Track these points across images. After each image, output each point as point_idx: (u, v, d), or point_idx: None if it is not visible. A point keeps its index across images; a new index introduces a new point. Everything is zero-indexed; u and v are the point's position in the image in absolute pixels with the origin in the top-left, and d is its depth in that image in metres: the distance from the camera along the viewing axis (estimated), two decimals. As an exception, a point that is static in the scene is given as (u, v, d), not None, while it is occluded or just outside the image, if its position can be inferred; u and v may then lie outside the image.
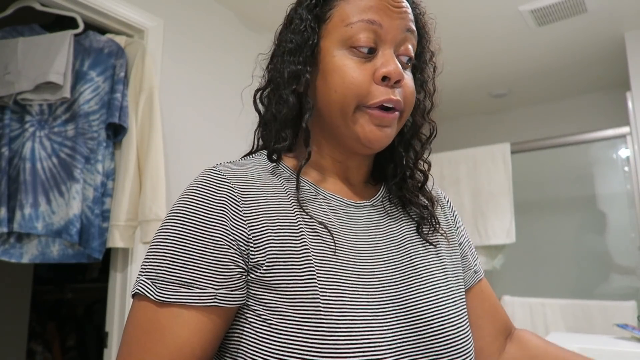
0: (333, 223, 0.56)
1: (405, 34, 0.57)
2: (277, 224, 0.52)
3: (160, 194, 1.52)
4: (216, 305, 0.49)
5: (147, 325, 0.50)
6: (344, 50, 0.56)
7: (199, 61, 1.94)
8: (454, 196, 2.82)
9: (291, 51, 0.58)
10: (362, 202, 0.61)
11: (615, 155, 2.82)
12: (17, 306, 2.49)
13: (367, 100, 0.55)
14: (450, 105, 3.46)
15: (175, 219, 0.52)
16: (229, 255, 0.50)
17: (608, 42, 2.48)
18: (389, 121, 0.56)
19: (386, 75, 0.54)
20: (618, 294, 2.56)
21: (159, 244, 0.52)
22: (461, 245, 0.69)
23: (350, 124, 0.56)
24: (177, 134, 1.80)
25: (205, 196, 0.52)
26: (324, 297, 0.49)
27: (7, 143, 1.41)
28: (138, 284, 0.51)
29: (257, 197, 0.53)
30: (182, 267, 0.49)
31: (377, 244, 0.57)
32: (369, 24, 0.55)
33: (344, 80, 0.55)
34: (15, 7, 1.52)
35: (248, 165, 0.58)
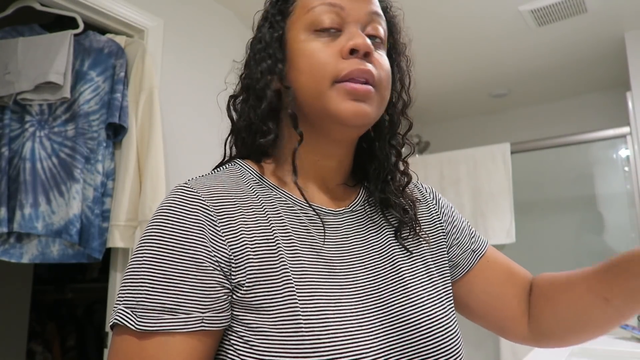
0: (311, 234, 0.55)
1: (371, 15, 0.57)
2: (255, 242, 0.51)
3: (160, 194, 1.52)
4: (203, 329, 0.47)
5: (132, 356, 0.47)
6: (309, 35, 0.55)
7: (199, 61, 1.94)
8: (454, 196, 2.82)
9: (261, 50, 0.59)
10: (340, 210, 0.60)
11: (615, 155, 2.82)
12: (17, 306, 2.49)
13: (336, 73, 0.53)
14: (450, 105, 3.46)
15: (151, 242, 0.49)
16: (213, 276, 0.48)
17: (608, 42, 2.48)
18: (363, 94, 0.53)
19: (353, 47, 0.53)
20: (618, 294, 2.56)
21: (136, 270, 0.49)
22: (449, 233, 0.68)
23: (326, 104, 0.53)
24: (177, 134, 1.80)
25: (181, 217, 0.49)
26: (305, 314, 0.48)
27: (7, 143, 1.41)
28: (117, 314, 0.48)
29: (233, 215, 0.51)
30: (163, 293, 0.47)
31: (358, 252, 0.57)
32: (329, 6, 0.55)
33: (312, 61, 0.54)
34: (15, 7, 1.52)
35: (221, 178, 0.56)
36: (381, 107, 0.57)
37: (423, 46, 2.51)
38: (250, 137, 0.60)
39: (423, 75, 2.91)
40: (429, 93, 3.21)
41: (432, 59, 2.68)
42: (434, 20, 2.23)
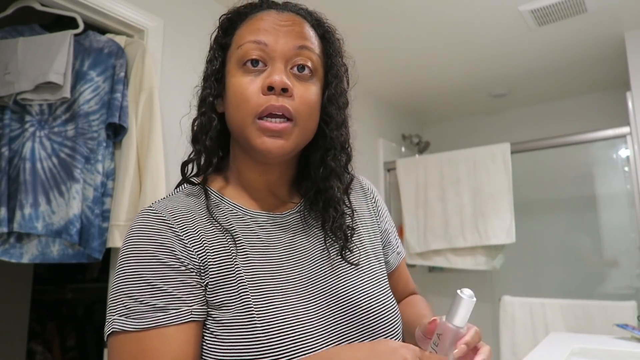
0: (260, 238, 0.63)
1: (296, 50, 0.62)
2: (214, 250, 0.59)
3: (160, 194, 1.52)
4: (193, 320, 0.55)
5: (134, 354, 0.53)
6: (238, 70, 0.62)
7: (199, 61, 1.93)
8: (454, 196, 2.82)
9: (204, 79, 0.68)
10: (285, 212, 0.68)
11: (615, 155, 2.82)
12: (17, 306, 2.49)
13: (256, 109, 0.59)
14: (450, 106, 3.46)
15: (129, 260, 0.57)
16: (191, 276, 0.57)
17: (608, 42, 2.48)
18: (278, 131, 0.59)
19: (269, 85, 0.59)
20: (618, 294, 2.56)
21: (121, 284, 0.56)
22: (384, 232, 0.78)
23: (248, 137, 0.60)
24: (177, 134, 1.80)
25: (151, 235, 0.57)
26: (257, 307, 0.56)
27: (7, 143, 1.41)
28: (112, 325, 0.55)
29: (194, 229, 0.60)
30: (152, 296, 0.54)
31: (302, 248, 0.65)
32: (255, 44, 0.61)
33: (237, 97, 0.60)
34: (15, 7, 1.52)
35: (180, 199, 0.64)
36: (303, 135, 0.63)
37: (423, 46, 2.51)
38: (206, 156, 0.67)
39: (423, 76, 2.91)
40: (429, 93, 3.21)
41: (432, 59, 2.68)
42: (434, 21, 2.23)
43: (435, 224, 2.86)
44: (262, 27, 0.62)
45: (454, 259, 2.83)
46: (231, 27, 0.67)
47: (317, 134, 0.67)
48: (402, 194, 3.03)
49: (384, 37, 2.39)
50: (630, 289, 2.64)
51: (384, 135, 3.21)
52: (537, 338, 2.40)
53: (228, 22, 0.67)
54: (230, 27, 0.67)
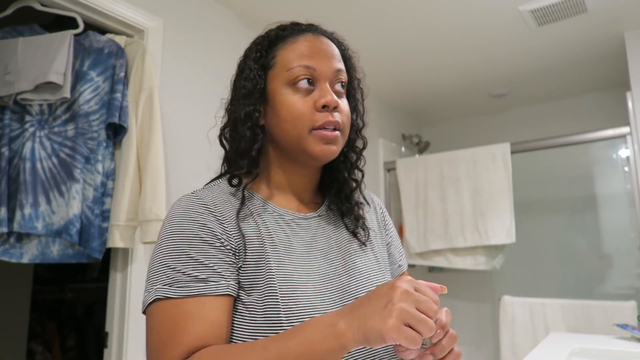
0: (287, 234, 0.71)
1: (335, 73, 0.72)
2: (248, 237, 0.67)
3: (160, 194, 1.52)
4: (229, 294, 0.62)
5: (174, 317, 0.58)
6: (288, 89, 0.70)
7: (199, 61, 1.94)
8: (454, 196, 2.82)
9: (244, 95, 0.73)
10: (310, 215, 0.76)
11: (615, 155, 2.82)
12: (17, 306, 2.49)
13: (312, 124, 0.69)
14: (451, 106, 3.46)
15: (173, 236, 0.63)
16: (229, 256, 0.64)
17: (608, 42, 2.48)
18: (332, 139, 0.70)
19: (325, 104, 0.69)
20: (618, 294, 2.56)
21: (164, 258, 0.62)
22: (389, 245, 0.85)
23: (305, 147, 0.69)
24: (177, 134, 1.80)
25: (194, 216, 0.65)
26: (283, 296, 0.63)
27: (7, 143, 1.41)
28: (155, 293, 0.60)
29: (232, 217, 0.67)
30: (195, 269, 0.61)
31: (322, 248, 0.73)
32: (305, 68, 0.70)
33: (292, 112, 0.69)
34: (15, 7, 1.52)
35: (216, 191, 0.71)
36: (344, 141, 0.74)
37: (423, 46, 2.51)
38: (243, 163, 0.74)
39: (423, 76, 2.91)
40: (429, 93, 3.21)
41: (432, 59, 2.68)
42: (434, 21, 2.23)
43: (435, 224, 2.86)
44: (307, 52, 0.71)
45: (454, 259, 2.83)
46: (270, 48, 0.74)
47: None
48: (402, 194, 3.03)
49: (384, 37, 2.39)
50: (630, 289, 2.64)
51: (384, 135, 3.21)
52: (537, 338, 2.40)
53: (268, 43, 0.74)
54: (270, 48, 0.74)
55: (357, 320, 0.52)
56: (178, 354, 0.57)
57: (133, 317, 1.57)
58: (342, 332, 0.52)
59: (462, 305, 3.36)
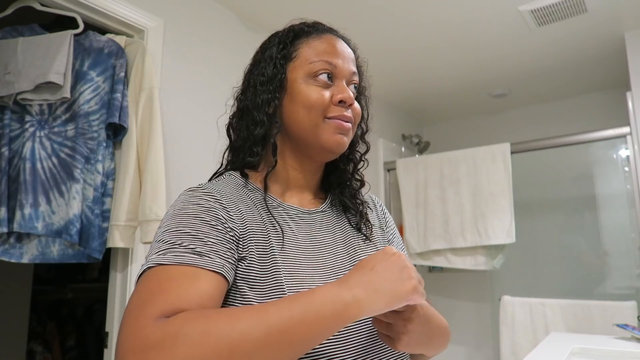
0: (292, 228, 0.71)
1: (352, 74, 0.76)
2: (254, 230, 0.66)
3: (160, 194, 1.52)
4: (222, 274, 0.58)
5: (160, 280, 0.54)
6: (308, 80, 0.72)
7: (199, 61, 1.94)
8: (454, 196, 2.82)
9: (263, 82, 0.74)
10: (314, 209, 0.77)
11: (615, 155, 2.82)
12: (17, 306, 2.49)
13: (327, 114, 0.71)
14: (451, 106, 3.46)
15: (176, 217, 0.61)
16: (231, 241, 0.62)
17: (608, 42, 2.48)
18: (346, 130, 0.73)
19: (342, 99, 0.71)
20: (618, 294, 2.56)
21: (163, 236, 0.59)
22: (390, 242, 0.86)
23: (319, 134, 0.71)
24: (177, 134, 1.80)
25: (200, 203, 0.63)
26: (288, 286, 0.62)
27: (7, 143, 1.41)
28: (149, 262, 0.56)
29: (238, 207, 0.67)
30: (193, 243, 0.58)
31: (326, 242, 0.74)
32: (327, 63, 0.72)
33: (310, 99, 0.71)
34: (15, 7, 1.52)
35: (221, 185, 0.71)
36: (352, 137, 0.77)
37: (423, 46, 2.51)
38: (243, 154, 0.75)
39: (423, 76, 2.91)
40: (429, 93, 3.21)
41: (432, 60, 2.68)
42: (434, 21, 2.23)
43: (435, 224, 2.86)
44: (330, 50, 0.74)
45: (454, 259, 2.83)
46: (294, 40, 0.76)
47: None
48: (402, 194, 3.03)
49: (384, 37, 2.39)
50: (630, 289, 2.64)
51: (384, 135, 3.21)
52: (537, 338, 2.40)
53: (293, 36, 0.76)
54: (294, 41, 0.76)
55: (373, 290, 0.55)
56: (158, 311, 0.49)
57: (133, 317, 1.57)
58: (357, 300, 0.53)
59: (462, 305, 3.36)
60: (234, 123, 0.78)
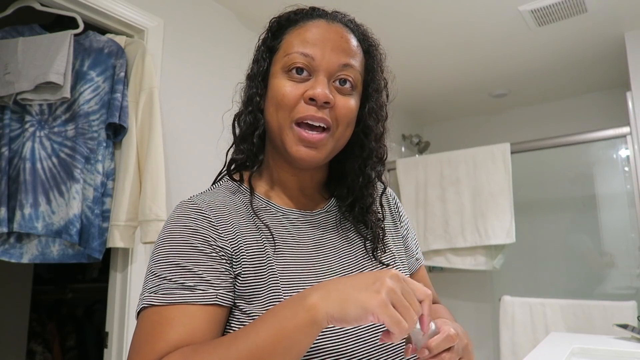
0: (292, 234, 0.66)
1: (340, 67, 0.65)
2: (247, 243, 0.62)
3: (160, 194, 1.52)
4: (217, 303, 0.57)
5: (153, 323, 0.55)
6: (283, 74, 0.65)
7: (199, 61, 1.94)
8: (454, 196, 2.82)
9: (249, 77, 0.70)
10: (317, 211, 0.72)
11: (615, 155, 2.82)
12: (17, 306, 2.49)
13: (294, 115, 0.63)
14: (451, 106, 3.46)
15: (166, 245, 0.60)
16: (222, 264, 0.59)
17: (608, 42, 2.48)
18: (315, 142, 0.63)
19: (312, 96, 0.62)
20: (618, 294, 2.56)
21: (154, 268, 0.59)
22: (404, 237, 0.81)
23: (284, 141, 0.64)
24: (177, 134, 1.80)
25: (188, 225, 0.61)
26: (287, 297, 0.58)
27: (7, 143, 1.41)
28: (142, 303, 0.58)
29: (229, 222, 0.63)
30: (183, 276, 0.57)
31: (328, 246, 0.68)
32: (302, 55, 0.64)
33: (278, 96, 0.64)
34: (15, 7, 1.52)
35: (217, 194, 0.67)
36: (336, 145, 0.67)
37: (424, 47, 2.51)
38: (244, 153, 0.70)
39: (423, 76, 2.91)
40: (429, 93, 3.21)
41: (432, 60, 2.68)
42: (433, 21, 2.23)
43: (435, 224, 2.86)
44: (310, 39, 0.65)
45: (454, 259, 2.83)
46: (280, 31, 0.69)
47: (355, 144, 0.71)
48: (402, 194, 3.03)
49: (384, 37, 2.37)
50: (630, 289, 2.64)
51: (384, 135, 3.20)
52: (537, 338, 2.40)
53: (277, 26, 0.70)
54: (279, 31, 0.70)
55: (334, 293, 0.49)
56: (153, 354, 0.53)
57: (133, 317, 1.57)
58: (313, 304, 0.48)
59: (462, 305, 3.36)
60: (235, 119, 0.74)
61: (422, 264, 0.84)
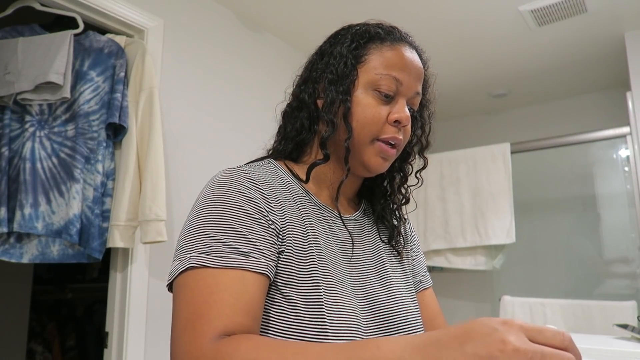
0: (326, 231, 0.68)
1: (415, 94, 0.72)
2: (292, 224, 0.63)
3: (160, 194, 1.52)
4: (267, 274, 0.56)
5: (211, 288, 0.52)
6: (369, 91, 0.68)
7: (199, 61, 1.94)
8: (454, 196, 2.82)
9: (332, 81, 0.69)
10: (348, 216, 0.75)
11: (615, 155, 2.82)
12: (17, 306, 2.49)
13: (379, 134, 0.68)
14: (450, 105, 3.46)
15: (216, 205, 0.58)
16: (272, 236, 0.59)
17: (608, 42, 2.48)
18: (391, 155, 0.70)
19: (398, 120, 0.68)
20: (618, 294, 2.56)
21: (203, 226, 0.57)
22: (413, 259, 0.84)
23: (362, 153, 0.68)
24: (177, 134, 1.80)
25: (241, 190, 0.60)
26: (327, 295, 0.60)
27: (7, 143, 1.41)
28: (190, 261, 0.54)
29: (279, 199, 0.63)
30: (236, 241, 0.56)
31: (358, 252, 0.71)
32: (394, 79, 0.68)
33: (366, 114, 0.67)
34: (15, 7, 1.52)
35: (262, 170, 0.67)
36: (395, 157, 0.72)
37: (423, 47, 2.50)
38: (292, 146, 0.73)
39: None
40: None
41: (432, 59, 2.67)
42: (434, 21, 2.23)
43: (435, 224, 2.86)
44: (400, 64, 0.69)
45: (454, 259, 2.83)
46: (367, 43, 0.71)
47: None
48: (402, 194, 3.03)
49: (384, 37, 2.39)
50: (630, 289, 2.64)
51: (384, 135, 3.20)
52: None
53: (368, 37, 0.71)
54: (367, 42, 0.71)
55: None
56: (215, 328, 0.50)
57: (133, 317, 1.57)
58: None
59: (462, 305, 3.36)
60: (289, 112, 0.75)
61: (426, 287, 0.84)
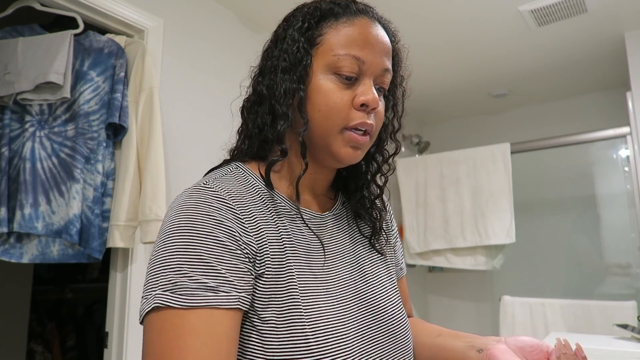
0: (304, 234, 0.64)
1: (383, 71, 0.64)
2: (270, 242, 0.58)
3: (160, 194, 1.52)
4: (239, 307, 0.52)
5: (176, 331, 0.49)
6: (328, 75, 0.61)
7: (199, 61, 1.94)
8: (454, 196, 2.82)
9: (285, 69, 0.62)
10: (325, 214, 0.70)
11: (615, 155, 2.82)
12: (17, 306, 2.49)
13: (347, 122, 0.61)
14: (451, 105, 3.46)
15: (182, 234, 0.53)
16: (245, 264, 0.54)
17: (608, 42, 2.48)
18: (362, 143, 0.63)
19: (365, 103, 0.61)
20: (618, 294, 2.56)
21: (169, 258, 0.52)
22: (394, 246, 0.81)
23: (331, 145, 0.62)
24: (177, 134, 1.80)
25: (210, 213, 0.54)
26: (306, 309, 0.56)
27: (7, 143, 1.41)
28: (154, 300, 0.50)
29: (253, 215, 0.58)
30: (204, 274, 0.51)
31: (337, 250, 0.67)
32: (354, 58, 0.61)
33: (328, 102, 0.61)
34: (15, 7, 1.52)
35: (231, 182, 0.61)
36: (370, 144, 0.66)
37: (423, 46, 2.51)
38: (257, 144, 0.66)
39: (424, 76, 2.91)
40: (429, 93, 3.21)
41: (432, 59, 2.68)
42: (434, 21, 2.23)
43: (435, 224, 2.86)
44: (359, 40, 0.62)
45: (454, 259, 2.83)
46: (320, 22, 0.64)
47: None
48: (402, 193, 3.03)
49: (384, 37, 2.39)
50: (630, 289, 2.64)
51: (384, 135, 3.20)
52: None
53: (320, 16, 0.64)
54: (320, 22, 0.64)
55: None
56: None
57: (133, 317, 1.57)
58: None
59: (462, 305, 3.36)
60: (248, 107, 0.68)
61: (404, 273, 0.84)
